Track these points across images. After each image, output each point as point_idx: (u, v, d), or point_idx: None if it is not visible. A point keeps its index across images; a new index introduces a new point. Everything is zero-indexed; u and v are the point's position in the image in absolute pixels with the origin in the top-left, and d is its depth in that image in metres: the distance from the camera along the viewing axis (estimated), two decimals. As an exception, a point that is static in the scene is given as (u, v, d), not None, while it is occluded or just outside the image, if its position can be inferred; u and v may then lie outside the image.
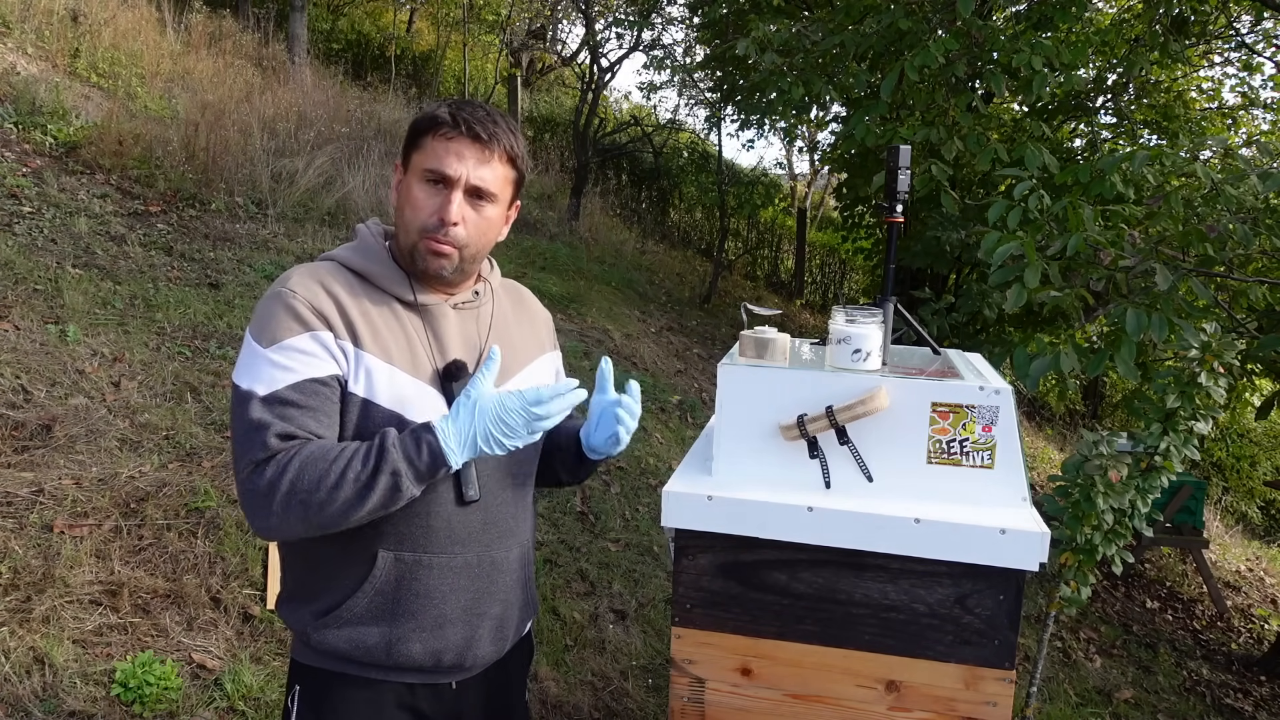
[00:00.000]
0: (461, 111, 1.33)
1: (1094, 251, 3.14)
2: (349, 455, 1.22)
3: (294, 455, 1.22)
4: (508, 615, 1.46)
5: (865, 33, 5.21)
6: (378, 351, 1.30)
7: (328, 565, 1.36)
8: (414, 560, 1.34)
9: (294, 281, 1.31)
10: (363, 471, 1.21)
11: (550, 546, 3.78)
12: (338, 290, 1.32)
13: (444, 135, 1.32)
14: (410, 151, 1.36)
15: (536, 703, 2.91)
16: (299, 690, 1.41)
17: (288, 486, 1.20)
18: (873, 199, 7.45)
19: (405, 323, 1.35)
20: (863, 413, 1.50)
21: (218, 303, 4.59)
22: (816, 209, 16.34)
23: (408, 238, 1.34)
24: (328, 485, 1.20)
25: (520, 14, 13.75)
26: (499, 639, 1.45)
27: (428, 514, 1.34)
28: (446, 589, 1.37)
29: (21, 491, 2.85)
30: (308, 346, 1.27)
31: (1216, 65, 8.51)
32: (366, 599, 1.34)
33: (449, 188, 1.32)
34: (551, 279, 7.54)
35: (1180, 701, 4.35)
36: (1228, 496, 9.59)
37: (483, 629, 1.42)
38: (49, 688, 2.35)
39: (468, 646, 1.40)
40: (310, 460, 1.21)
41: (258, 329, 1.28)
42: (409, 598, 1.35)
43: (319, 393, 1.26)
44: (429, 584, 1.36)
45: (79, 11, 7.51)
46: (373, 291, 1.35)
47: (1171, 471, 2.51)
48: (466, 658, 1.41)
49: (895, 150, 1.76)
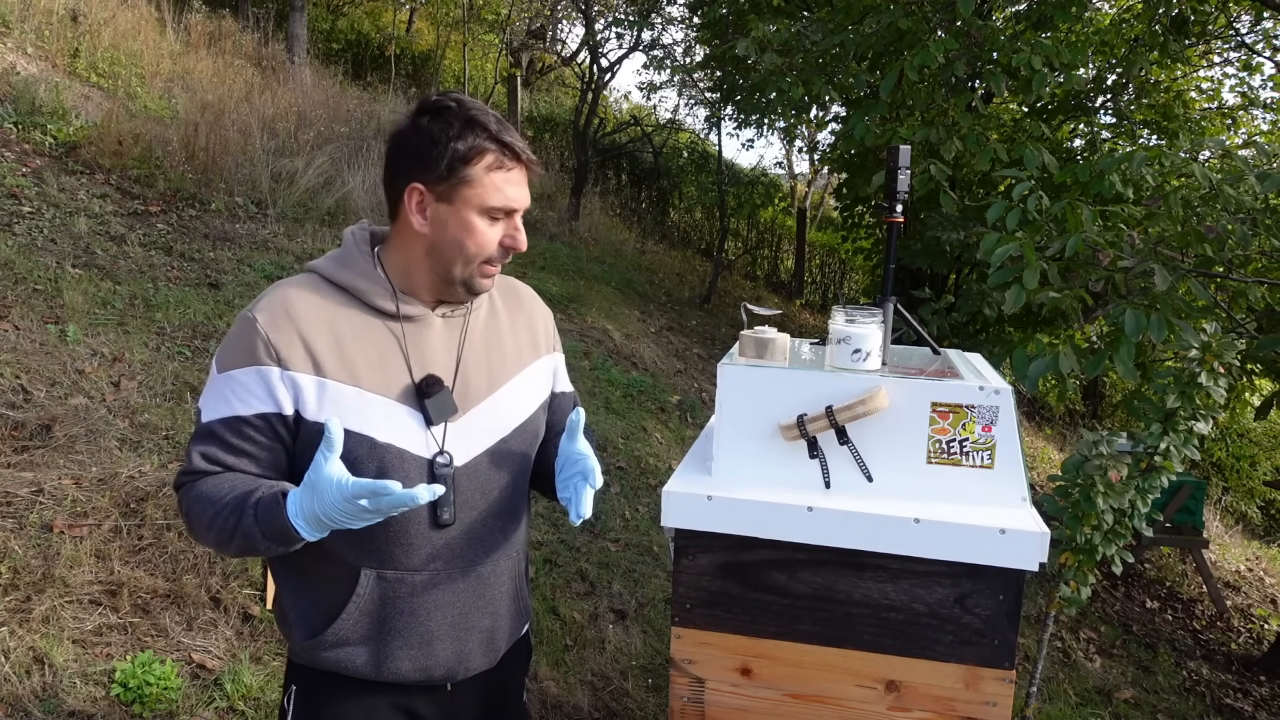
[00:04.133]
0: (504, 135, 1.30)
1: (1093, 252, 3.15)
2: (223, 503, 1.23)
3: (194, 488, 1.27)
4: (498, 627, 1.44)
5: (865, 33, 5.21)
6: (344, 376, 1.28)
7: (311, 586, 1.36)
8: (396, 579, 1.33)
9: (260, 307, 1.29)
10: (226, 523, 1.22)
11: (550, 546, 3.78)
12: (306, 315, 1.29)
13: (503, 168, 1.30)
14: (453, 181, 1.29)
15: (536, 703, 2.91)
16: (295, 690, 1.41)
17: (186, 514, 1.29)
18: (872, 199, 7.45)
19: (382, 338, 1.32)
20: (863, 413, 1.50)
21: (217, 303, 4.59)
22: (816, 209, 16.35)
23: (467, 267, 1.32)
24: (203, 525, 1.25)
25: (520, 14, 13.75)
26: (490, 650, 1.44)
27: (406, 534, 1.32)
28: (431, 605, 1.35)
29: (21, 491, 2.85)
30: (248, 381, 1.26)
31: (1216, 65, 8.52)
32: (352, 620, 1.33)
33: (511, 216, 1.33)
34: (551, 279, 7.54)
35: (1180, 701, 4.35)
36: (1228, 496, 9.60)
37: (471, 642, 1.40)
38: (49, 688, 2.35)
39: (458, 660, 1.39)
40: (198, 499, 1.26)
41: (220, 350, 1.31)
42: (393, 616, 1.34)
43: (241, 431, 1.27)
44: (413, 602, 1.34)
45: (79, 11, 7.50)
46: (352, 307, 1.32)
47: (1171, 471, 2.51)
48: (458, 670, 1.40)
49: (895, 150, 1.76)
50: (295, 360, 1.27)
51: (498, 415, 1.40)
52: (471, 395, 1.37)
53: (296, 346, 1.27)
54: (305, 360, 1.27)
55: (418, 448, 1.31)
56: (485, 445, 1.38)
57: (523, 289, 1.57)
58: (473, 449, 1.37)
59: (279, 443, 1.29)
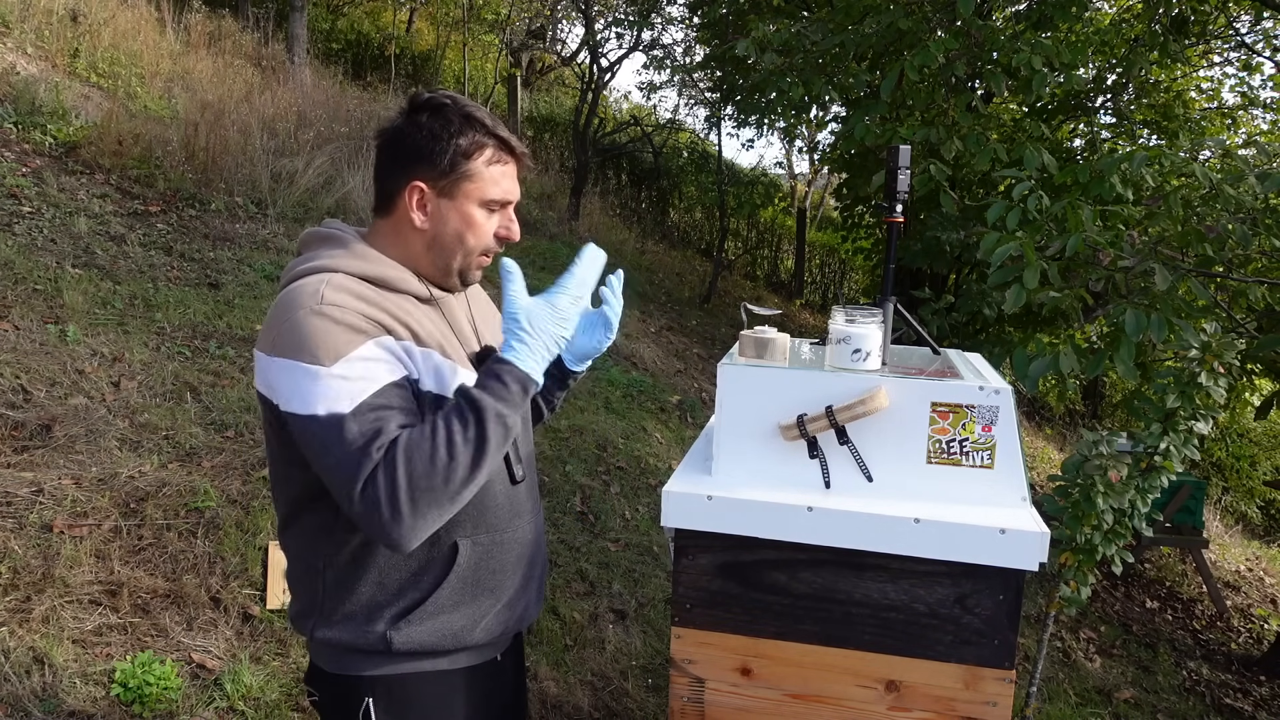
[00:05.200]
0: (498, 130, 1.36)
1: (1093, 252, 3.15)
2: (444, 427, 1.19)
3: (393, 456, 1.17)
4: (544, 574, 1.57)
5: (865, 33, 5.21)
6: (434, 346, 1.32)
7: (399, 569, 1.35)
8: (489, 541, 1.40)
9: (328, 295, 1.23)
10: (468, 431, 1.19)
11: (550, 546, 3.78)
12: (368, 297, 1.28)
13: (501, 162, 1.37)
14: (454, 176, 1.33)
15: (536, 703, 2.91)
16: (370, 703, 1.37)
17: (405, 483, 1.16)
18: (872, 199, 7.45)
19: (430, 317, 1.37)
20: (862, 413, 1.50)
21: (217, 303, 4.59)
22: (816, 209, 16.35)
23: (467, 258, 1.39)
24: (442, 462, 1.17)
25: (520, 14, 13.76)
26: (540, 597, 1.56)
27: (494, 495, 1.40)
28: (514, 561, 1.45)
29: (21, 491, 2.85)
30: (375, 354, 1.22)
31: (1216, 65, 8.53)
32: (450, 588, 1.37)
33: (505, 208, 1.40)
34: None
35: (1180, 701, 4.35)
36: (1227, 496, 9.60)
37: (532, 591, 1.51)
38: (49, 688, 2.35)
39: (526, 610, 1.50)
40: (409, 450, 1.17)
41: (308, 351, 1.19)
42: (486, 576, 1.41)
43: (401, 396, 1.23)
44: (502, 560, 1.43)
45: (79, 11, 7.50)
46: (393, 294, 1.33)
47: (1171, 471, 2.51)
48: (526, 620, 1.51)
49: (895, 150, 1.76)
50: (397, 330, 1.28)
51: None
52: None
53: (386, 318, 1.27)
54: (402, 329, 1.28)
55: None
56: None
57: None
58: None
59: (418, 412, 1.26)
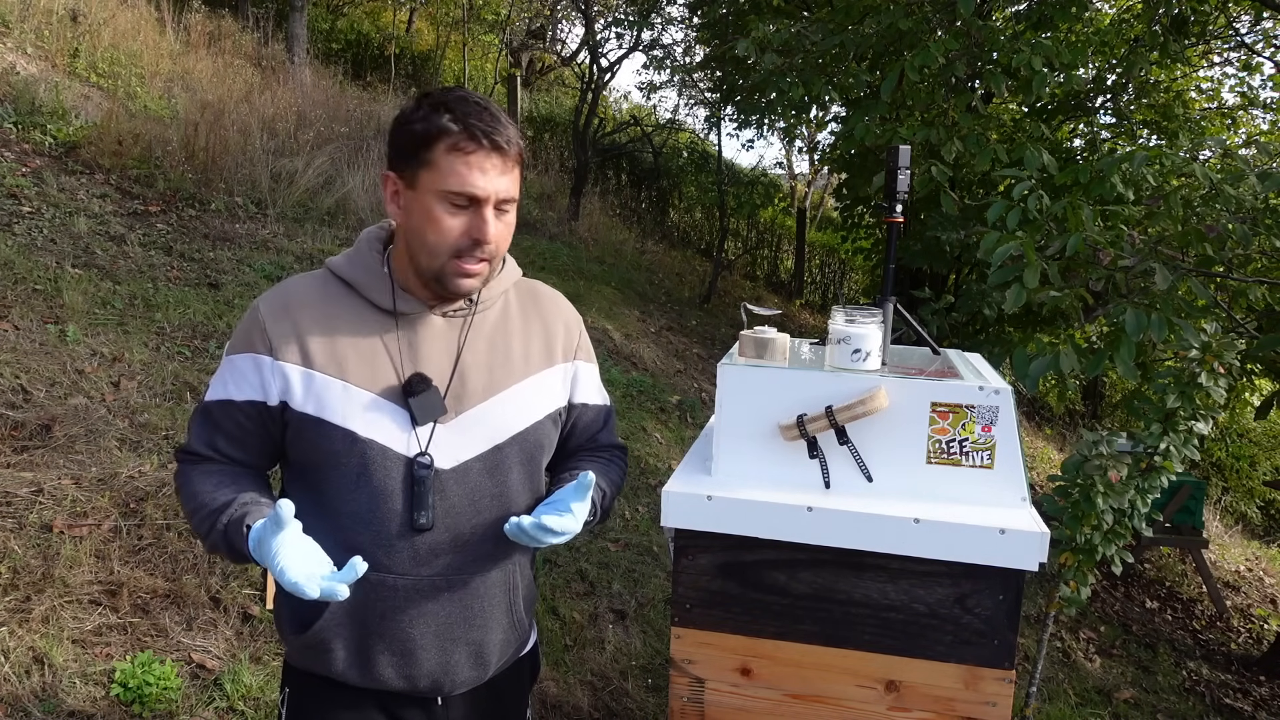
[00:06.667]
0: (470, 118, 1.22)
1: (1093, 251, 3.14)
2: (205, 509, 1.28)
3: (189, 472, 1.33)
4: (488, 641, 1.39)
5: (865, 33, 5.21)
6: (332, 369, 1.28)
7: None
8: (378, 580, 1.30)
9: (266, 297, 1.34)
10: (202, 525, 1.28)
11: (550, 546, 3.78)
12: (306, 307, 1.31)
13: (461, 150, 1.22)
14: (414, 165, 1.25)
15: (536, 703, 2.91)
16: (288, 693, 1.42)
17: (178, 493, 1.35)
18: (873, 199, 7.45)
19: (376, 334, 1.31)
20: (862, 413, 1.49)
21: (217, 303, 4.59)
22: (816, 209, 16.35)
23: (433, 261, 1.26)
24: (187, 514, 1.33)
25: (520, 14, 13.75)
26: (479, 665, 1.39)
27: (386, 534, 1.29)
28: (415, 613, 1.32)
29: (21, 491, 2.85)
30: (244, 367, 1.31)
31: (1216, 65, 8.52)
32: (335, 619, 1.32)
33: (478, 205, 1.24)
34: (551, 279, 7.53)
35: (1180, 701, 4.35)
36: (1227, 496, 9.60)
37: (457, 655, 1.36)
38: (49, 688, 2.35)
39: (444, 672, 1.36)
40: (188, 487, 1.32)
41: (232, 335, 1.36)
42: (374, 619, 1.32)
43: (232, 416, 1.31)
44: (395, 606, 1.31)
45: (78, 11, 7.50)
46: (353, 302, 1.33)
47: (1171, 471, 2.51)
48: (444, 683, 1.37)
49: (895, 150, 1.76)
50: (287, 350, 1.29)
51: (495, 421, 1.35)
52: (467, 398, 1.33)
53: (290, 337, 1.29)
54: (296, 351, 1.29)
55: (399, 446, 1.29)
56: (478, 450, 1.34)
57: (545, 293, 1.50)
58: (463, 453, 1.32)
59: (266, 431, 1.33)
